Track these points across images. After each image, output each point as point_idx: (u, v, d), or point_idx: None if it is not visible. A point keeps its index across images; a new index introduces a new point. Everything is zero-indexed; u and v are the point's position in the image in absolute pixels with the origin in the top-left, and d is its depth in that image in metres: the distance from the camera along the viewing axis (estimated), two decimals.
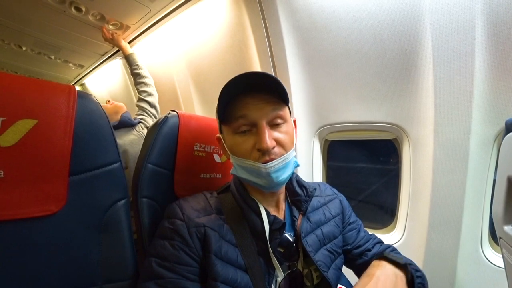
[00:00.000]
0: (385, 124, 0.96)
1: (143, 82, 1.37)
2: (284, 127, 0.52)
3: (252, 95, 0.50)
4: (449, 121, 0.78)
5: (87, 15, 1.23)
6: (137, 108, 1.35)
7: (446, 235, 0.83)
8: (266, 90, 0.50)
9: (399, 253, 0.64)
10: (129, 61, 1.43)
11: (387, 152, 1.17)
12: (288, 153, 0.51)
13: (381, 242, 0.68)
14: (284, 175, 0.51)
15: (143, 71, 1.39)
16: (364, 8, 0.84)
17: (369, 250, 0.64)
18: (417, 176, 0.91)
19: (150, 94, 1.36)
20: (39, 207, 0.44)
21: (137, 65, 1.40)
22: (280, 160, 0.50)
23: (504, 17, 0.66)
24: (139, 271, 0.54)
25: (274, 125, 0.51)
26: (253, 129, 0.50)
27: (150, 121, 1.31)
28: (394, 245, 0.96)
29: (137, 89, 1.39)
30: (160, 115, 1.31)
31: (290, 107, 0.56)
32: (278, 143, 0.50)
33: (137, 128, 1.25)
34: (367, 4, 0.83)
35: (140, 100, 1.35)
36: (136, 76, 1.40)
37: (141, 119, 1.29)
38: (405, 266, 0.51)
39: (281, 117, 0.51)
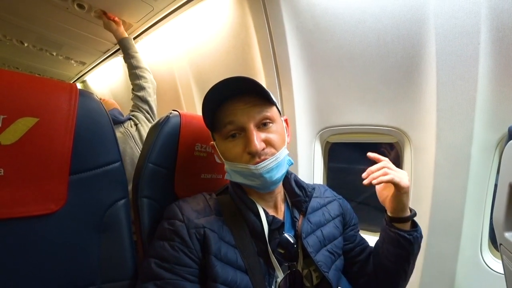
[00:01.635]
0: (387, 127, 0.95)
1: (133, 74, 1.23)
2: (273, 127, 0.52)
3: (238, 99, 0.50)
4: (451, 126, 0.78)
5: (90, 12, 1.23)
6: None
7: (446, 240, 0.83)
8: (250, 93, 0.51)
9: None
10: (121, 47, 1.27)
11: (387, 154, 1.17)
12: (280, 152, 0.52)
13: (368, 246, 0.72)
14: (278, 174, 0.51)
15: (134, 60, 1.23)
16: (368, 10, 0.83)
17: (367, 247, 0.68)
18: (418, 180, 0.91)
19: (141, 88, 1.21)
20: (39, 205, 0.43)
21: (127, 53, 1.25)
22: (272, 160, 0.50)
23: (509, 22, 0.66)
24: (138, 271, 0.54)
25: (262, 126, 0.51)
26: (242, 133, 0.51)
27: (142, 117, 1.20)
28: None
29: (130, 81, 1.25)
30: (156, 110, 1.25)
31: (278, 107, 0.56)
32: (268, 143, 0.51)
33: (125, 124, 1.16)
34: (371, 7, 0.83)
35: (132, 95, 1.23)
36: (127, 66, 1.25)
37: (132, 115, 1.20)
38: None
39: (268, 118, 0.52)
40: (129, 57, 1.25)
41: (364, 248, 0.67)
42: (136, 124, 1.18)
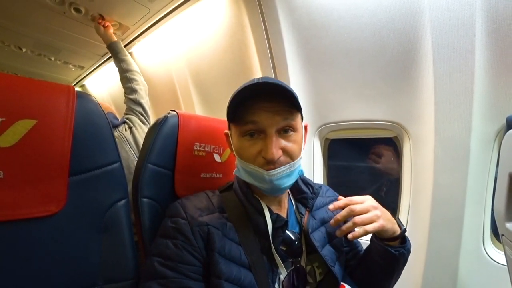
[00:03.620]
0: (385, 122, 0.95)
1: (125, 77, 1.24)
2: (293, 136, 0.51)
3: (266, 100, 0.48)
4: (449, 118, 0.78)
5: (87, 16, 1.23)
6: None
7: (448, 233, 0.83)
8: (279, 96, 0.49)
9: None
10: (111, 51, 1.29)
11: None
12: (294, 162, 0.51)
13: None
14: (288, 183, 0.51)
15: (124, 64, 1.26)
16: (364, 6, 0.83)
17: (359, 252, 0.69)
18: (418, 174, 0.90)
19: (133, 91, 1.22)
20: (39, 207, 0.43)
21: (117, 57, 1.27)
22: (285, 168, 0.49)
23: (504, 13, 0.66)
24: (140, 271, 0.54)
25: (283, 133, 0.50)
26: (261, 134, 0.49)
27: (137, 120, 1.20)
28: None
29: (122, 84, 1.27)
30: (149, 111, 1.25)
31: (302, 114, 0.55)
32: (285, 151, 0.50)
33: (120, 128, 1.15)
34: (366, 2, 0.83)
35: (125, 98, 1.24)
36: (118, 70, 1.28)
37: (127, 118, 1.20)
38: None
39: (291, 126, 0.50)
40: (119, 61, 1.26)
41: (357, 253, 0.68)
42: (130, 128, 1.17)
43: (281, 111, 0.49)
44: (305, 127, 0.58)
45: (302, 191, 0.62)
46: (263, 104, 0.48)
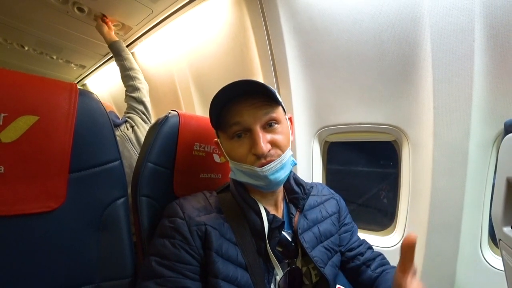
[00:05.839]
0: (384, 126, 0.96)
1: (127, 75, 1.24)
2: (278, 128, 0.53)
3: (245, 99, 0.51)
4: (448, 123, 0.78)
5: (90, 16, 1.24)
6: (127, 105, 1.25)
7: (446, 237, 0.83)
8: (256, 93, 0.51)
9: (387, 262, 0.67)
10: (113, 50, 1.29)
11: (387, 154, 1.17)
12: (285, 153, 0.52)
13: (371, 247, 0.69)
14: (283, 175, 0.52)
15: (127, 62, 1.26)
16: (364, 10, 0.84)
17: (362, 254, 0.66)
18: (417, 178, 0.91)
19: (136, 89, 1.22)
20: (38, 203, 0.44)
21: (120, 55, 1.27)
22: (277, 162, 0.50)
23: (503, 19, 0.67)
24: (137, 269, 0.54)
25: (268, 127, 0.52)
26: (248, 133, 0.51)
27: (138, 119, 1.19)
28: (393, 247, 0.97)
29: (123, 83, 1.27)
30: (151, 111, 1.25)
31: (284, 106, 0.56)
32: (274, 144, 0.51)
33: (121, 127, 1.15)
34: (367, 7, 0.84)
35: (126, 96, 1.23)
36: (120, 68, 1.27)
37: (128, 117, 1.19)
38: None
39: (274, 119, 0.52)
40: (122, 59, 1.27)
41: (355, 256, 0.65)
42: (132, 126, 1.17)
43: (261, 106, 0.50)
44: (290, 119, 0.59)
45: (294, 191, 0.62)
46: (242, 104, 0.50)
